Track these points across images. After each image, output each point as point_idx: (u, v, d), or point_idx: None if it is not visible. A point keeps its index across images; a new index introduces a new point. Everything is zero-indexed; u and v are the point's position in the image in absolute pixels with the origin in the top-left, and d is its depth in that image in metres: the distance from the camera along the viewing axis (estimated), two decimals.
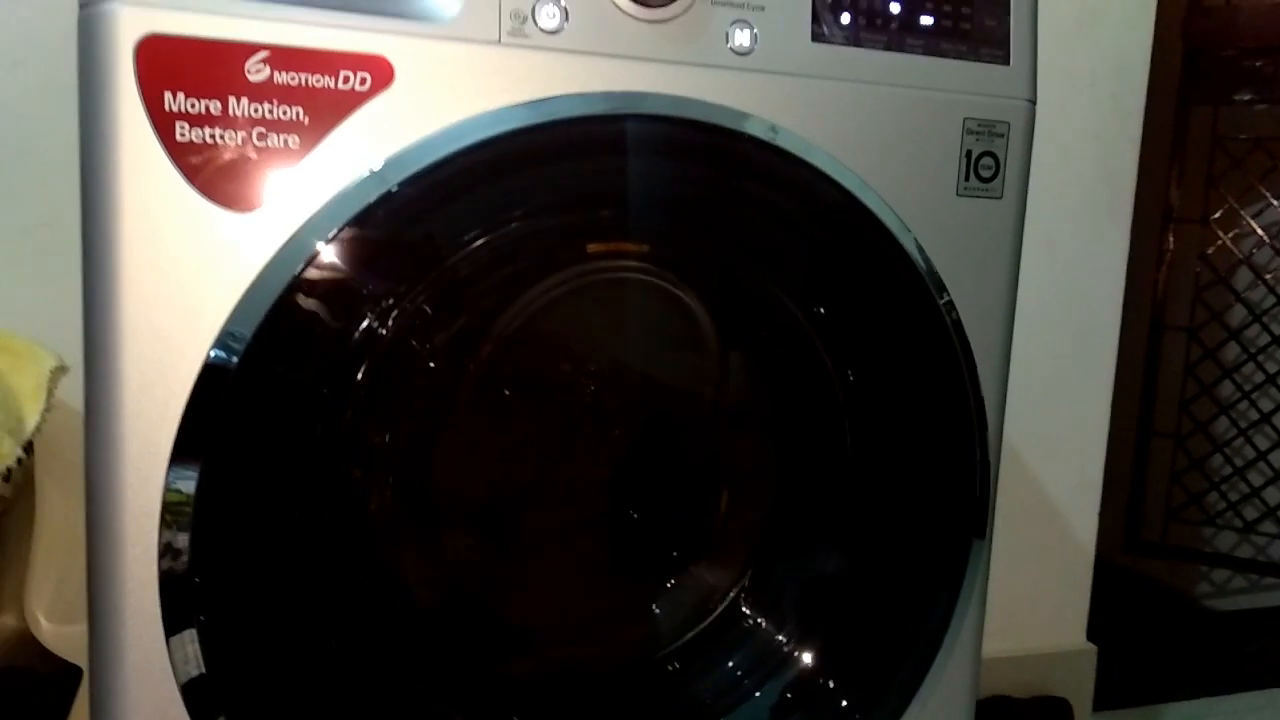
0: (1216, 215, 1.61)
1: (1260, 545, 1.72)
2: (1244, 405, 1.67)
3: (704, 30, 0.59)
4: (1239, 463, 1.67)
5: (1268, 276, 1.63)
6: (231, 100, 0.51)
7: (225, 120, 0.51)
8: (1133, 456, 1.67)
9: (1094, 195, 1.17)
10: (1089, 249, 1.18)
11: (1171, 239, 1.62)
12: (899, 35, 0.63)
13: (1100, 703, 1.27)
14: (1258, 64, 1.54)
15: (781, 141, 0.61)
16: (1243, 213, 1.60)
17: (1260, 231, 1.60)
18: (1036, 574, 1.22)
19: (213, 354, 0.52)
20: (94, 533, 0.53)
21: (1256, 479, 1.66)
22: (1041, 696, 1.20)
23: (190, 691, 0.53)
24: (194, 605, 0.53)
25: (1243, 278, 1.66)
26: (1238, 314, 1.66)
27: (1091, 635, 1.26)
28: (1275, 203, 1.59)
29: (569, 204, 0.59)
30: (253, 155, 0.51)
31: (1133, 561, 1.73)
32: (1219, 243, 1.62)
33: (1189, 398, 1.67)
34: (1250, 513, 1.67)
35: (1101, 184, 1.17)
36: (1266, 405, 1.66)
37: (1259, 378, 1.66)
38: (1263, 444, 1.66)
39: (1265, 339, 1.64)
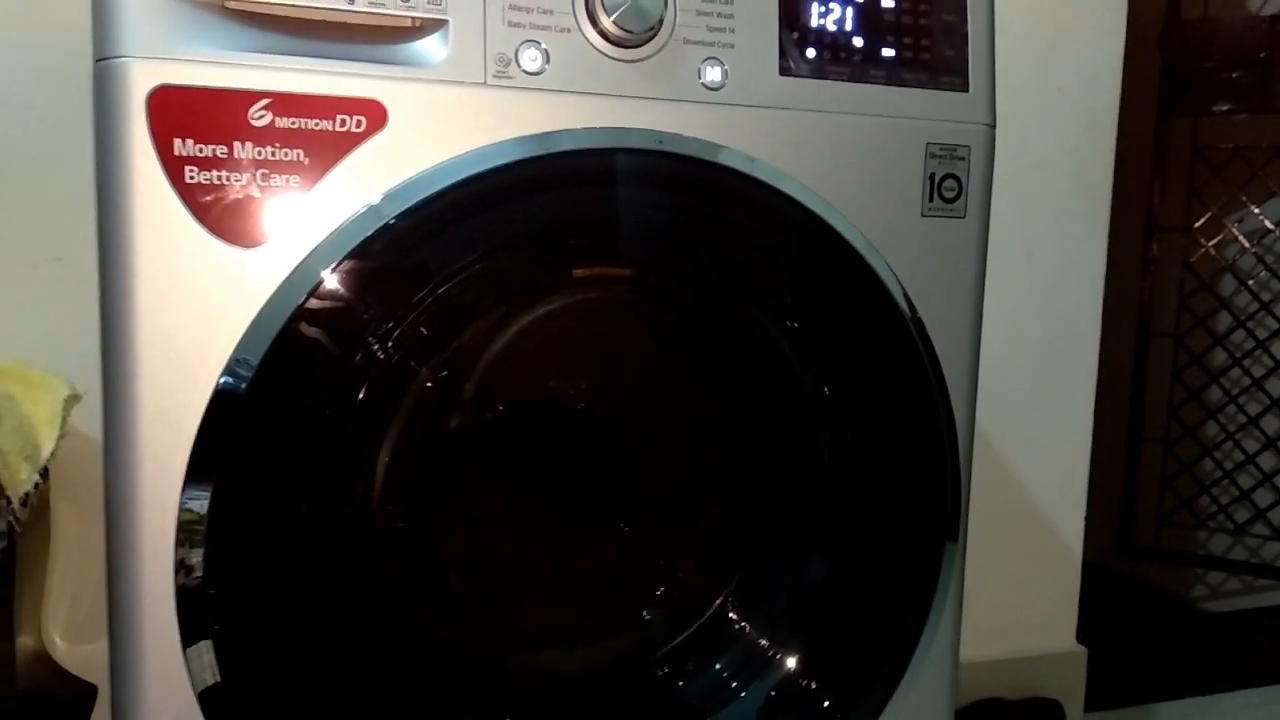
0: (1199, 223, 1.64)
1: (1253, 547, 1.74)
2: (1231, 409, 1.70)
3: (678, 68, 0.63)
4: (1228, 466, 1.70)
5: (1251, 282, 1.67)
6: (237, 144, 0.54)
7: (231, 163, 0.54)
8: (1123, 462, 1.69)
9: (1070, 207, 1.20)
10: (1067, 260, 1.21)
11: (1155, 248, 1.65)
12: (862, 67, 0.67)
13: (1092, 704, 1.29)
14: (1235, 75, 1.58)
15: (756, 171, 0.65)
16: (1225, 220, 1.63)
17: (1242, 238, 1.63)
18: (1025, 578, 1.25)
19: (223, 380, 0.55)
20: (113, 551, 0.56)
21: (1246, 481, 1.69)
22: (1033, 698, 1.22)
23: (207, 699, 0.56)
24: (209, 617, 0.56)
25: (1227, 284, 1.69)
26: (1223, 320, 1.69)
27: (1083, 638, 1.29)
28: (1256, 210, 1.62)
29: (554, 232, 0.62)
30: (257, 194, 0.55)
31: (1127, 566, 1.75)
32: (1202, 250, 1.65)
33: (1177, 403, 1.70)
34: (1241, 515, 1.69)
35: (1077, 196, 1.20)
36: (1254, 408, 1.69)
37: (1245, 381, 1.68)
38: (1251, 447, 1.68)
39: (1250, 343, 1.67)
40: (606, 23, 0.60)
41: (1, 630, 0.77)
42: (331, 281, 0.56)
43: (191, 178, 0.54)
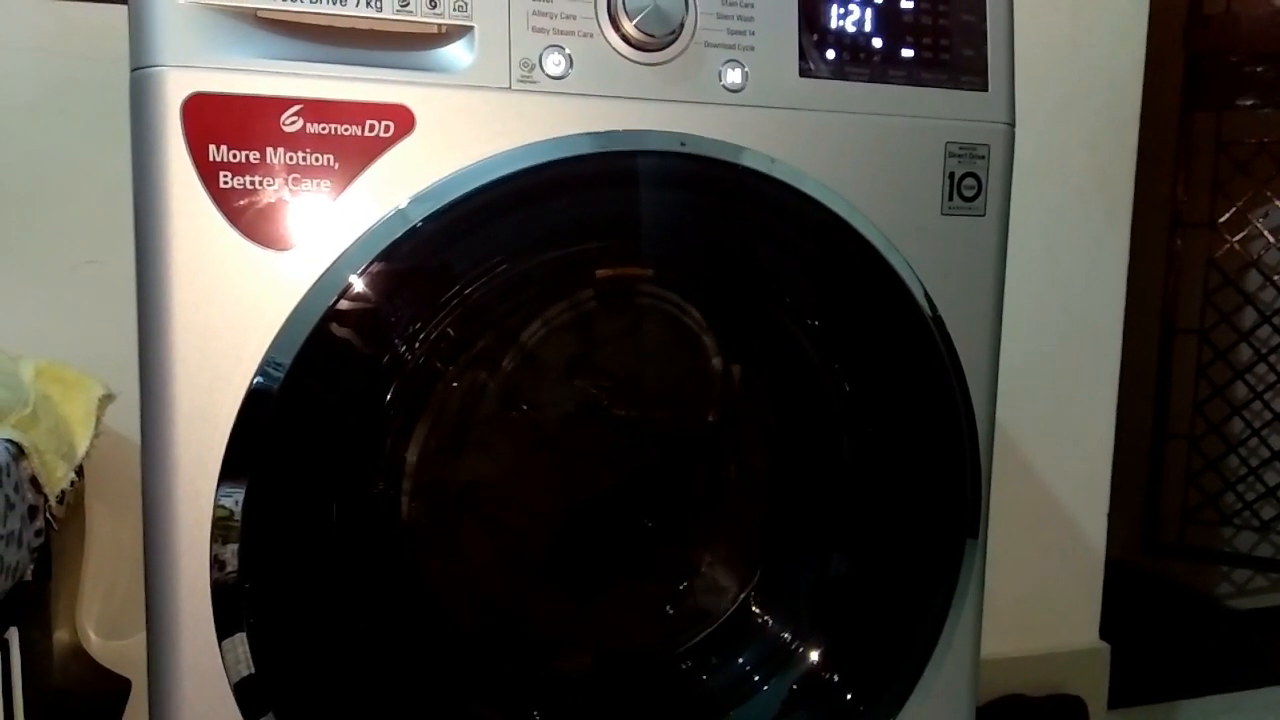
0: (1223, 219, 1.63)
1: (1279, 544, 1.72)
2: (1257, 405, 1.68)
3: (699, 70, 0.64)
4: (1254, 462, 1.69)
5: (1276, 277, 1.65)
6: (269, 150, 0.56)
7: (264, 168, 0.56)
8: (1148, 459, 1.69)
9: (1092, 204, 1.20)
10: (1089, 256, 1.21)
11: (1179, 243, 1.64)
12: (882, 67, 0.67)
13: (1115, 701, 1.29)
14: (1259, 69, 1.56)
15: (777, 172, 0.65)
16: (1250, 215, 1.62)
17: (1267, 234, 1.62)
18: (1048, 574, 1.25)
19: (256, 380, 0.56)
20: (150, 547, 0.58)
21: (1272, 478, 1.67)
22: (1056, 695, 1.22)
23: (241, 690, 0.58)
24: (243, 610, 0.57)
25: (1252, 280, 1.68)
26: (1248, 315, 1.68)
27: (1107, 635, 1.28)
28: None
29: (578, 233, 0.63)
30: (289, 199, 0.56)
31: (1151, 563, 1.75)
32: (1227, 246, 1.64)
33: (1202, 399, 1.69)
34: (1267, 511, 1.68)
35: (1099, 192, 1.20)
36: None
37: (1271, 377, 1.67)
38: (1277, 443, 1.67)
39: (1276, 339, 1.66)
40: (628, 27, 0.61)
41: (38, 625, 0.79)
42: (361, 284, 0.57)
43: (225, 183, 0.55)
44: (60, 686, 0.86)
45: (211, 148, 0.55)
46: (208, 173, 0.55)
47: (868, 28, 0.67)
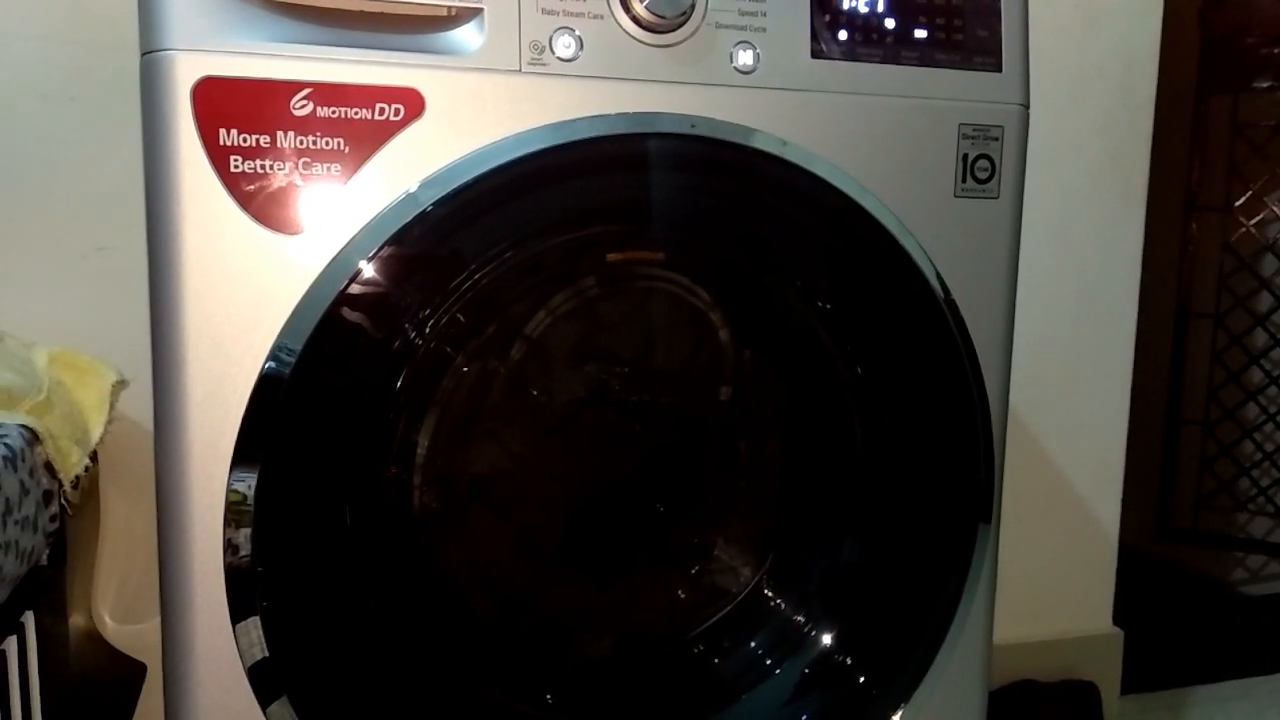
0: (1239, 202, 1.62)
1: None
2: (1273, 390, 1.67)
3: (710, 52, 0.63)
4: (1269, 448, 1.67)
5: None
6: (279, 134, 0.56)
7: (274, 152, 0.56)
8: (1162, 444, 1.68)
9: (1107, 187, 1.19)
10: (1104, 240, 1.20)
11: (1195, 227, 1.63)
12: (894, 48, 0.67)
13: (1128, 686, 1.29)
14: (1275, 51, 1.55)
15: (789, 154, 0.65)
16: (1266, 199, 1.61)
17: None
18: (1061, 560, 1.24)
19: (267, 366, 0.56)
20: (164, 533, 0.58)
21: None
22: (1069, 680, 1.22)
23: (255, 674, 0.58)
24: (257, 594, 0.57)
25: (1268, 264, 1.66)
26: (1264, 300, 1.67)
27: (1120, 621, 1.28)
28: None
29: (588, 217, 0.63)
30: (299, 183, 0.56)
31: (1165, 549, 1.74)
32: (1243, 230, 1.63)
33: (1217, 385, 1.68)
34: None
35: (1114, 176, 1.19)
36: None
37: None
38: None
39: None
40: (639, 8, 0.61)
41: (54, 610, 0.79)
42: (371, 269, 0.57)
43: (236, 167, 0.55)
44: (76, 671, 0.87)
45: (222, 131, 0.55)
46: (218, 156, 0.55)
47: (880, 8, 0.66)
